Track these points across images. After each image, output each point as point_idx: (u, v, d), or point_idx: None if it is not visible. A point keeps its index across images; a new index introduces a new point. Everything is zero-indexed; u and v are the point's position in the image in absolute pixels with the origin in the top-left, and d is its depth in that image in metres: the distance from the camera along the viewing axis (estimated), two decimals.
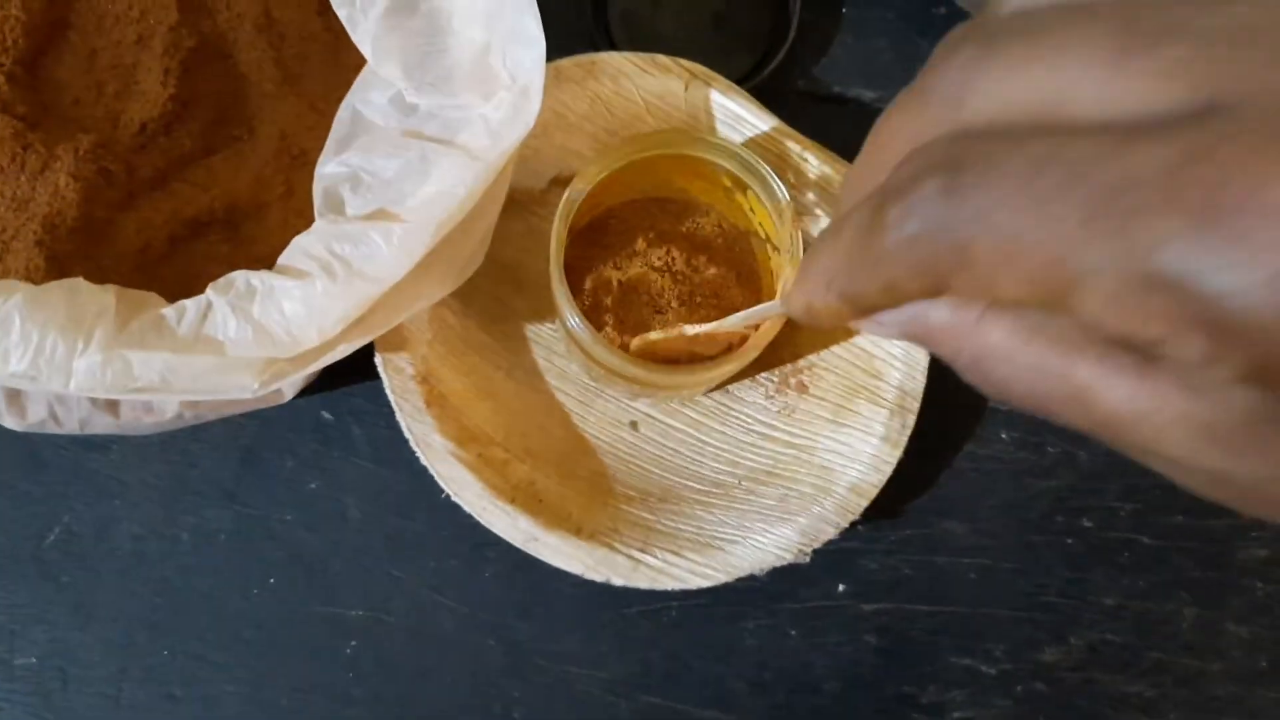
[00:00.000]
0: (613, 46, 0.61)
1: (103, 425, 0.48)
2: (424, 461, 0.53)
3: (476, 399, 0.55)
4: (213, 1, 0.56)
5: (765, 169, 0.50)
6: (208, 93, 0.55)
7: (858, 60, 0.63)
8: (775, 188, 0.50)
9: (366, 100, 0.48)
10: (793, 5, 0.60)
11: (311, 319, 0.43)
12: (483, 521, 0.53)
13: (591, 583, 0.53)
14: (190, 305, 0.44)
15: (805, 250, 0.51)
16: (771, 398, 0.57)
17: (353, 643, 0.58)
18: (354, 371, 0.45)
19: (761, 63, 0.61)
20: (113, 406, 0.48)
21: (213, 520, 0.58)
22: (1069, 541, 0.59)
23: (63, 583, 0.58)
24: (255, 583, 0.58)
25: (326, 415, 0.59)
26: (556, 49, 0.48)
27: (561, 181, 0.58)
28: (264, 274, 0.44)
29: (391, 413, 0.54)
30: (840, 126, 0.59)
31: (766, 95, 0.58)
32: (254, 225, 0.54)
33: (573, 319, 0.49)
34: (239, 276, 0.44)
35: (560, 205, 0.50)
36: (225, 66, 0.56)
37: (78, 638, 0.57)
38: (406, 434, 0.53)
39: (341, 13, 0.47)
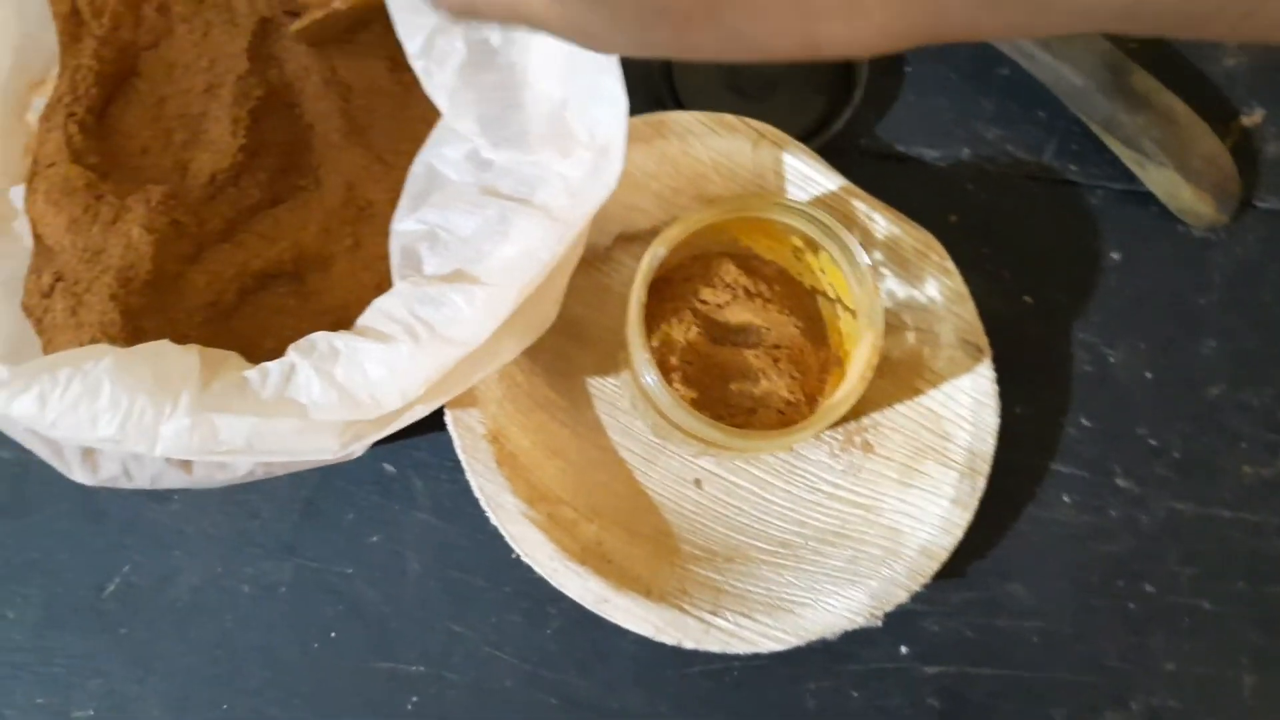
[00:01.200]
0: (678, 104, 0.60)
1: (174, 481, 0.48)
2: (495, 522, 0.52)
3: (544, 457, 0.54)
4: (281, 52, 0.56)
5: (846, 235, 0.50)
6: (275, 143, 0.55)
7: (920, 119, 0.62)
8: (856, 254, 0.50)
9: (441, 155, 0.48)
10: (859, 64, 0.60)
11: (394, 382, 0.42)
12: (554, 583, 0.52)
13: (652, 641, 0.52)
14: (274, 368, 0.43)
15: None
16: (836, 456, 0.56)
17: (413, 699, 0.56)
18: (417, 424, 0.45)
19: (827, 120, 0.60)
20: (186, 464, 0.47)
21: (272, 573, 0.57)
22: (1130, 606, 0.58)
23: (120, 634, 0.57)
24: (315, 637, 0.57)
25: (389, 468, 0.58)
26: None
27: (627, 239, 0.57)
28: (346, 336, 0.43)
29: (454, 465, 0.53)
30: (901, 184, 0.58)
31: (830, 152, 0.58)
32: (320, 278, 0.54)
33: (649, 377, 0.48)
34: (320, 339, 0.44)
35: (641, 266, 0.49)
36: (292, 116, 0.56)
37: (135, 690, 0.56)
38: (477, 494, 0.52)
39: (417, 65, 0.47)
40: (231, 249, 0.53)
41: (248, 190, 0.54)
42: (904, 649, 0.57)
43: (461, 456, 0.52)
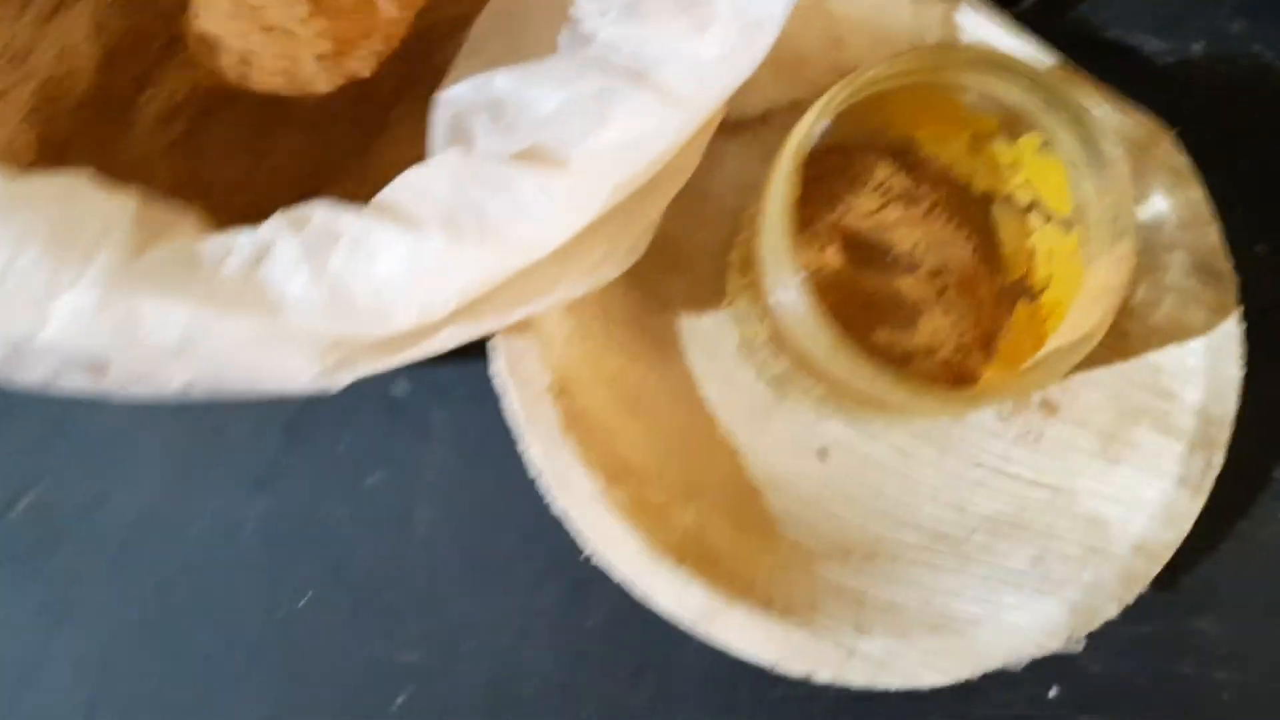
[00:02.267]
0: None
1: (76, 383, 0.37)
2: (559, 508, 0.42)
3: (623, 418, 0.44)
4: None
5: (1081, 106, 0.39)
6: None
7: (1143, 1, 0.53)
8: (1098, 131, 0.39)
9: (518, 14, 0.38)
10: None
11: (414, 288, 0.32)
12: (640, 593, 0.42)
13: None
14: (242, 239, 0.32)
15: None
16: (1007, 419, 0.45)
17: (401, 696, 0.47)
18: None
19: None
20: (98, 364, 0.36)
21: (236, 508, 0.48)
22: None
23: (26, 569, 0.47)
24: (285, 598, 0.47)
25: (398, 389, 0.48)
26: None
27: (732, 128, 0.46)
28: (358, 211, 0.33)
29: (485, 393, 0.43)
30: (1112, 80, 0.48)
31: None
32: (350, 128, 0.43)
33: (792, 297, 0.38)
34: (320, 210, 0.33)
35: (790, 143, 0.38)
36: None
37: (39, 645, 0.47)
38: (536, 468, 0.42)
39: None
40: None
41: None
42: (1054, 691, 0.48)
43: (516, 415, 0.42)
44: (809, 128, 0.38)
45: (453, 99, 0.36)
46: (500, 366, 0.41)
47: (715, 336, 0.46)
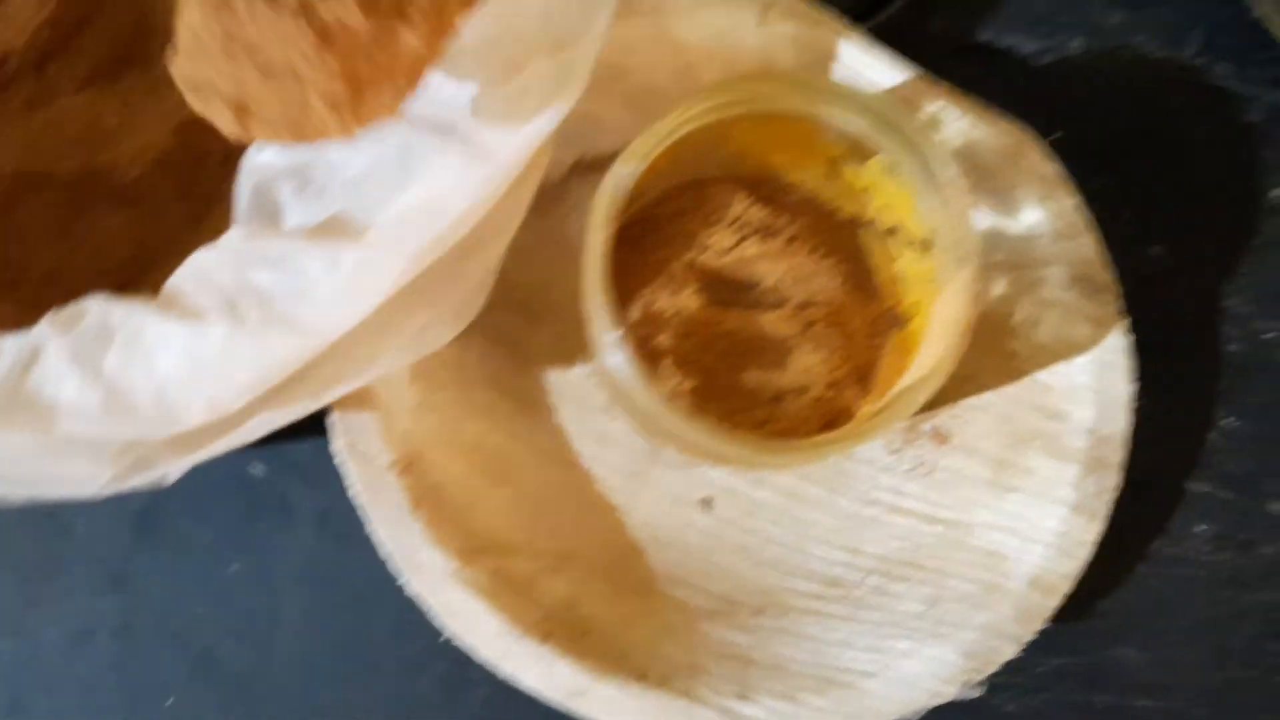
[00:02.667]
0: None
1: None
2: (412, 590, 0.40)
3: (486, 487, 0.42)
4: None
5: (915, 126, 0.38)
6: (108, 20, 0.43)
7: (1014, 1, 0.51)
8: (933, 154, 0.38)
9: None
10: None
11: (199, 385, 0.30)
12: (503, 672, 0.40)
13: None
14: (7, 344, 0.30)
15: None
16: (898, 452, 0.44)
17: None
18: None
19: None
20: None
21: (91, 613, 0.46)
22: None
23: None
24: (147, 704, 0.45)
25: (258, 469, 0.46)
26: None
27: (588, 166, 0.44)
28: (134, 306, 0.31)
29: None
30: (987, 88, 0.46)
31: (887, 42, 0.46)
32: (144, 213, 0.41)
33: (617, 361, 0.36)
34: (94, 306, 0.31)
35: (598, 200, 0.37)
36: None
37: None
38: (386, 548, 0.41)
39: None
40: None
41: (57, 82, 0.42)
42: None
43: (358, 498, 0.40)
44: (616, 177, 0.36)
45: (257, 166, 0.34)
46: (339, 445, 0.40)
47: (585, 390, 0.44)
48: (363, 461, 0.40)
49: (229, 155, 0.42)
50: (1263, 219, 0.49)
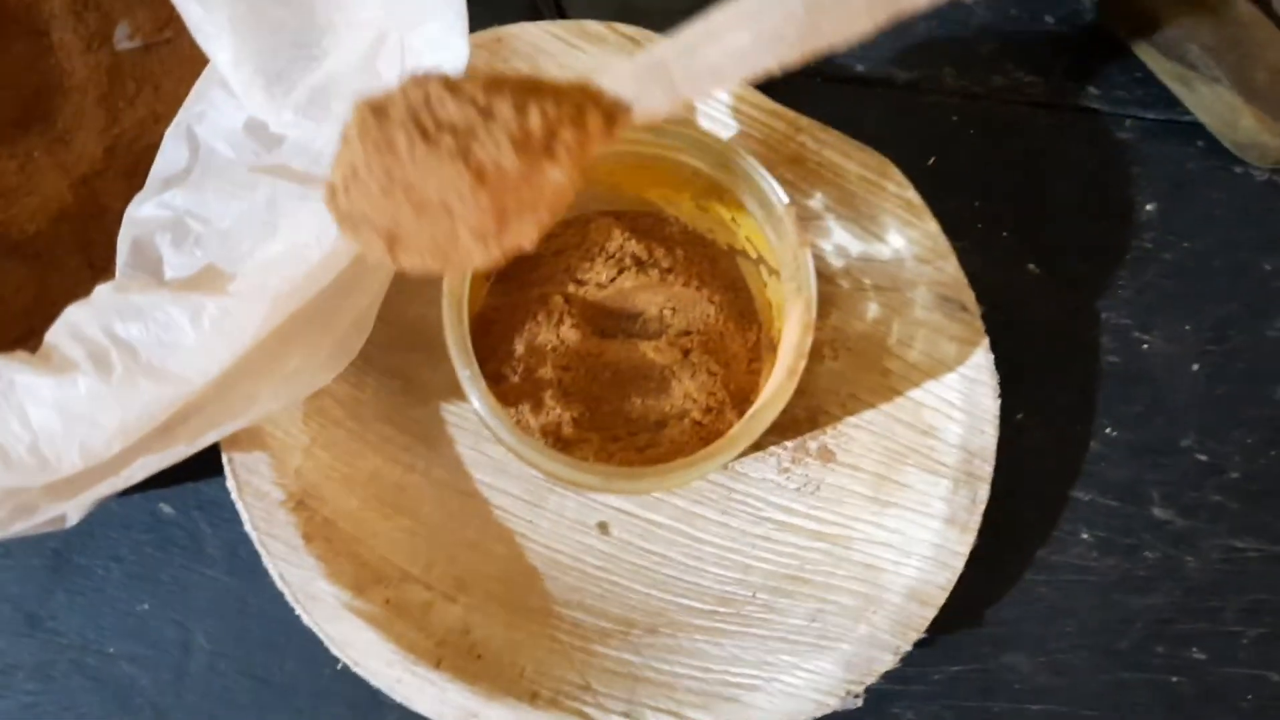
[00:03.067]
0: (561, 14, 0.48)
1: None
2: (308, 621, 0.41)
3: (381, 519, 0.42)
4: None
5: (750, 162, 0.39)
6: (6, 82, 0.44)
7: (887, 31, 0.50)
8: (766, 188, 0.39)
9: (208, 120, 0.37)
10: None
11: (71, 434, 0.31)
12: (397, 698, 0.41)
13: None
14: None
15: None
16: (786, 470, 0.44)
17: None
18: (202, 452, 0.37)
19: None
20: None
21: (8, 653, 0.46)
22: (1174, 680, 0.48)
23: None
24: None
25: (166, 508, 0.46)
26: (481, 18, 0.38)
27: None
28: (6, 362, 0.32)
29: None
30: (865, 117, 0.47)
31: (769, 79, 0.46)
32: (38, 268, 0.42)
33: (477, 403, 0.38)
34: None
35: None
36: (37, 48, 0.44)
37: None
38: (279, 584, 0.41)
39: None
40: None
41: None
42: None
43: (252, 533, 0.41)
44: None
45: (136, 220, 0.35)
46: (231, 484, 0.40)
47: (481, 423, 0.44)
48: (255, 500, 0.40)
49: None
50: (1136, 233, 0.50)
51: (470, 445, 0.44)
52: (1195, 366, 0.49)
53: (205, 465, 0.41)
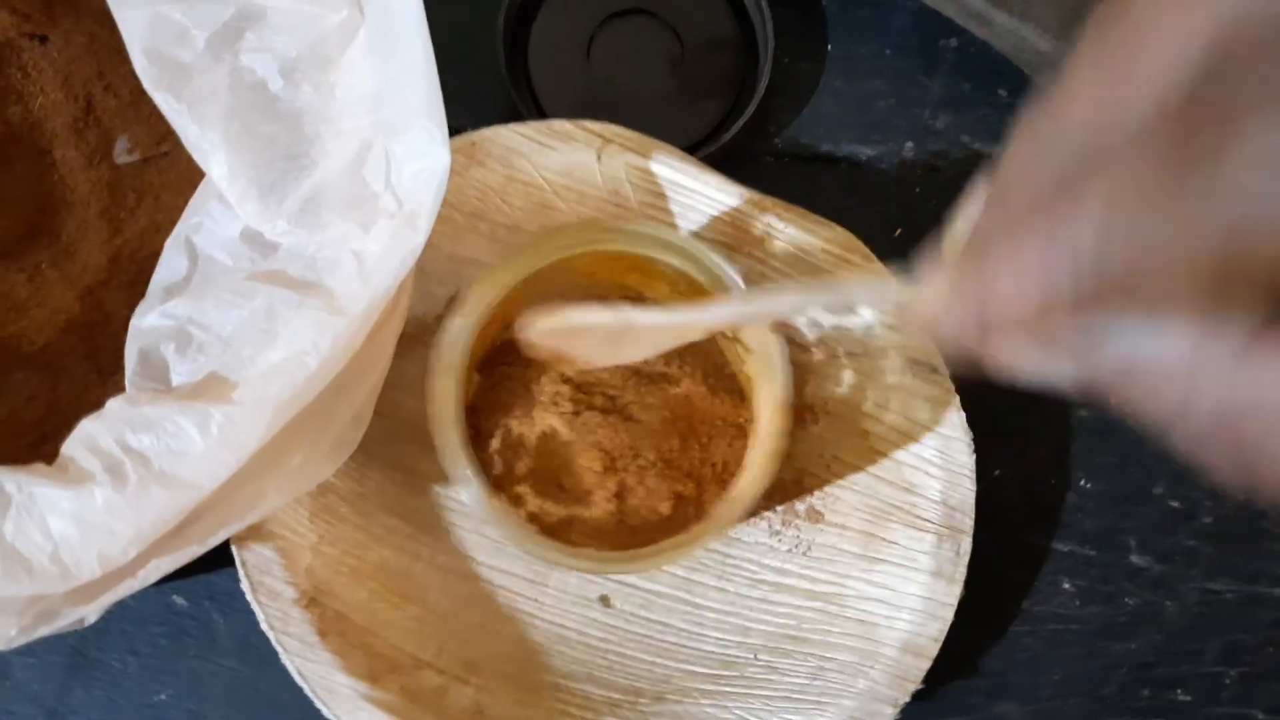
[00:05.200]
0: (539, 111, 0.49)
1: None
2: (328, 714, 0.42)
3: (391, 608, 0.43)
4: (25, 82, 0.45)
5: (712, 258, 0.40)
6: (14, 199, 0.45)
7: (850, 109, 0.52)
8: (728, 280, 0.40)
9: (205, 231, 0.38)
10: (763, 45, 0.48)
11: (89, 543, 0.32)
12: None
13: None
14: None
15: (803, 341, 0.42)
16: (778, 533, 0.45)
17: None
18: None
19: (728, 118, 0.50)
20: None
21: None
22: None
23: None
24: None
25: (179, 600, 0.47)
26: (458, 120, 0.39)
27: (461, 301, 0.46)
28: (27, 475, 0.33)
29: None
30: (831, 193, 0.48)
31: (737, 160, 0.48)
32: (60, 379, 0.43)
33: (468, 497, 0.39)
34: None
35: (438, 351, 0.39)
36: (41, 166, 0.45)
37: None
38: (297, 679, 0.42)
39: (161, 102, 0.36)
40: None
41: None
42: None
43: (269, 633, 0.41)
44: (452, 331, 0.39)
45: (142, 330, 0.36)
46: (245, 585, 0.41)
47: None
48: (269, 599, 0.41)
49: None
50: None
51: (471, 529, 0.45)
52: None
53: (215, 558, 0.41)
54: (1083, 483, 0.49)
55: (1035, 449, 0.49)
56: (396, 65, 0.35)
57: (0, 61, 0.44)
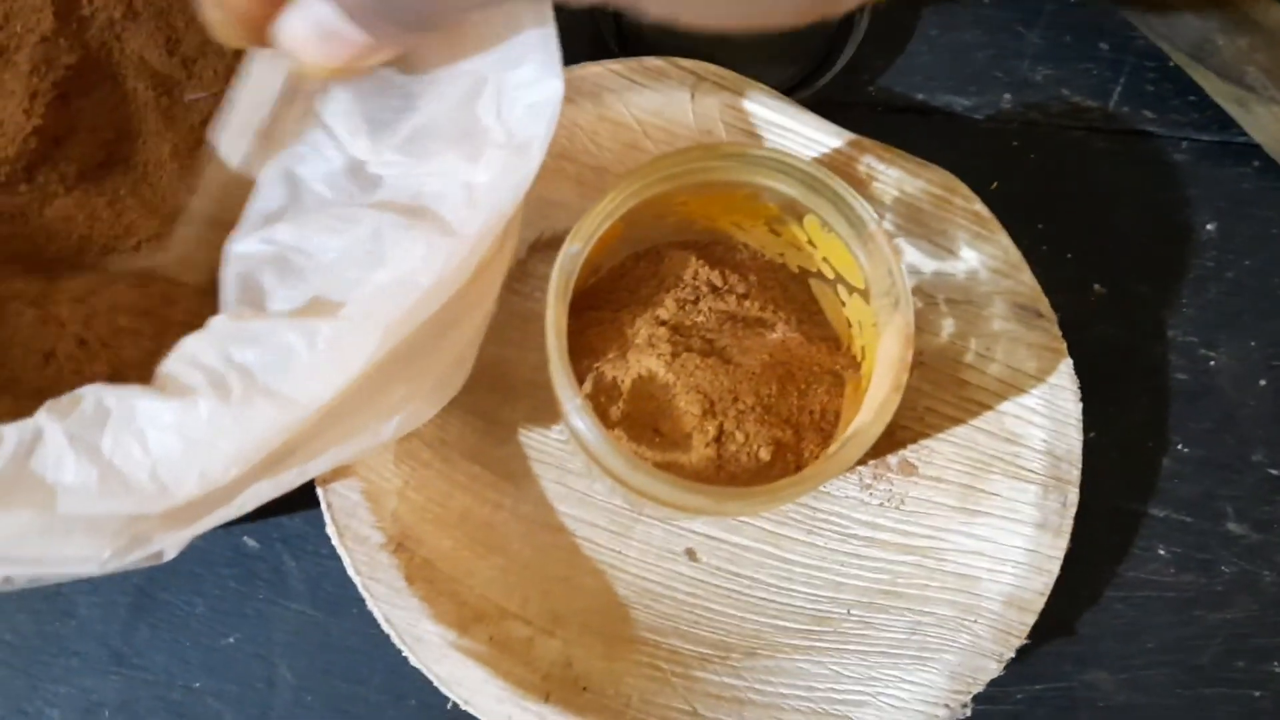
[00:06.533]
0: (630, 50, 0.48)
1: None
2: (415, 663, 0.41)
3: (475, 557, 0.42)
4: (103, 10, 0.43)
5: (838, 184, 0.38)
6: (88, 126, 0.43)
7: (947, 58, 0.51)
8: (857, 208, 0.38)
9: (307, 163, 0.37)
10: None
11: (191, 459, 0.31)
12: None
13: None
14: (9, 431, 0.31)
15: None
16: (869, 487, 0.44)
17: None
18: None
19: (823, 65, 0.49)
20: None
21: (94, 690, 0.46)
22: (1256, 695, 0.47)
23: None
24: None
25: (250, 542, 0.46)
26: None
27: (546, 244, 0.46)
28: (127, 390, 0.32)
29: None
30: (925, 144, 0.47)
31: (829, 107, 0.46)
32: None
33: (582, 424, 0.37)
34: (90, 393, 0.32)
35: (553, 278, 0.38)
36: (117, 93, 0.44)
37: None
38: (385, 626, 0.41)
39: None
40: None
41: (47, 188, 0.42)
42: None
43: (355, 577, 0.40)
44: (564, 257, 0.38)
45: (240, 254, 0.35)
46: (331, 529, 0.40)
47: (563, 457, 0.44)
48: (356, 544, 0.40)
49: None
50: (1197, 252, 0.49)
51: (554, 479, 0.44)
52: (1263, 382, 0.48)
53: (290, 501, 0.40)
54: (1179, 447, 0.48)
55: (1131, 413, 0.48)
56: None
57: None
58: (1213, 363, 0.49)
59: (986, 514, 0.43)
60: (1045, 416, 0.43)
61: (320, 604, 0.46)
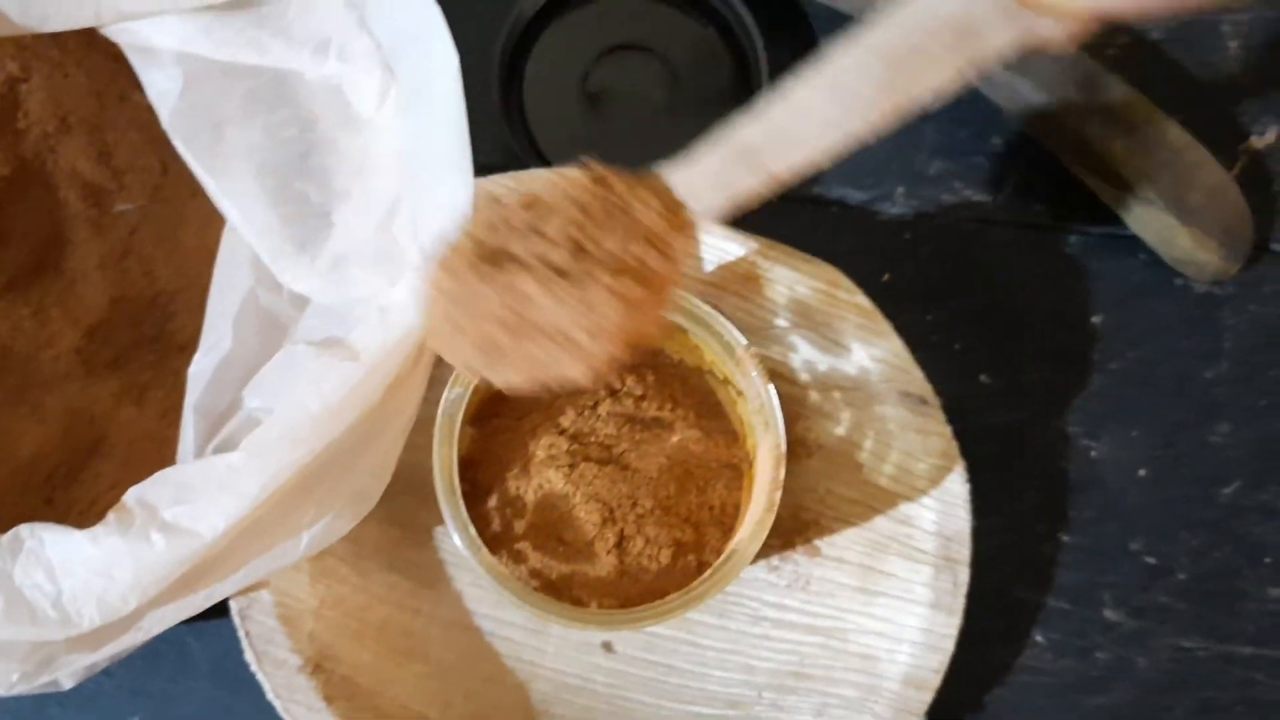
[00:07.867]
0: (539, 157, 0.49)
1: None
2: None
3: (396, 667, 0.43)
4: (36, 121, 0.45)
5: (705, 310, 0.40)
6: (20, 233, 0.45)
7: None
8: (725, 335, 0.40)
9: (242, 276, 0.39)
10: (758, 84, 0.49)
11: (90, 589, 0.33)
12: None
13: None
14: None
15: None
16: (776, 569, 0.45)
17: None
18: None
19: None
20: None
21: None
22: None
23: None
24: None
25: None
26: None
27: None
28: (46, 524, 0.33)
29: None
30: (820, 237, 0.48)
31: None
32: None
33: (475, 559, 0.39)
34: (24, 527, 0.34)
35: (438, 422, 0.39)
36: (50, 202, 0.45)
37: None
38: None
39: (190, 159, 0.37)
40: None
41: None
42: None
43: (274, 701, 0.41)
44: (446, 402, 0.40)
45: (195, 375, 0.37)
46: (249, 655, 0.41)
47: None
48: (274, 668, 0.41)
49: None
50: (1084, 343, 0.50)
51: (471, 581, 0.45)
52: (1143, 472, 0.49)
53: None
54: (1060, 536, 0.49)
55: (1014, 501, 0.49)
56: (427, 123, 0.35)
57: (15, 98, 0.44)
58: (1095, 453, 0.49)
59: (884, 594, 0.44)
60: (934, 499, 0.44)
61: (222, 683, 0.47)
